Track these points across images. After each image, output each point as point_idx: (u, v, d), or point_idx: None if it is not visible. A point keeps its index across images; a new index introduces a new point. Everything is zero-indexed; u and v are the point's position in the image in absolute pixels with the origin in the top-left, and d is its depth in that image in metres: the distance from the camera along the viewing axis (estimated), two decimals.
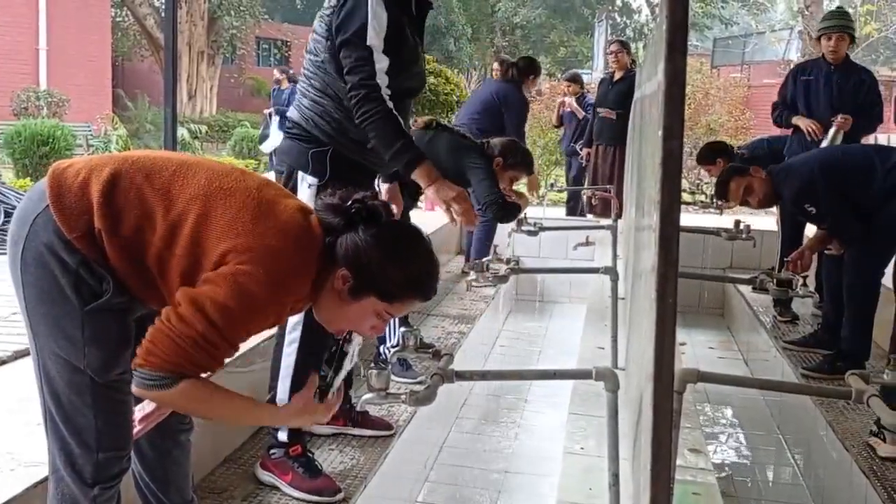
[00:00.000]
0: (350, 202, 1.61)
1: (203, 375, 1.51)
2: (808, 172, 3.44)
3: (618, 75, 6.92)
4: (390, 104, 2.30)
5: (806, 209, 3.43)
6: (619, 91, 6.74)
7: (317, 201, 1.67)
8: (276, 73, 12.60)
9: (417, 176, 2.38)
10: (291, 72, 12.71)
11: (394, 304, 1.64)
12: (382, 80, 2.29)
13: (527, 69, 5.93)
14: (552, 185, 7.27)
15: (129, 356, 1.54)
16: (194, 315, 1.45)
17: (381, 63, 2.29)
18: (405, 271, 1.61)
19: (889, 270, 3.61)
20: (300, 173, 2.40)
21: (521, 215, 4.43)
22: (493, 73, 6.63)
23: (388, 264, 1.59)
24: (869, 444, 2.86)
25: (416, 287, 1.65)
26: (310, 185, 2.38)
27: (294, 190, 2.38)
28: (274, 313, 1.57)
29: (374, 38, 2.28)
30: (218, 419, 1.61)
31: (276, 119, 11.61)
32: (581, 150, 7.22)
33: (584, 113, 7.42)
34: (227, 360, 1.55)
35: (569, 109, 7.52)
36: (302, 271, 1.56)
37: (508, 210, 3.71)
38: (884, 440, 2.80)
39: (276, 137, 11.80)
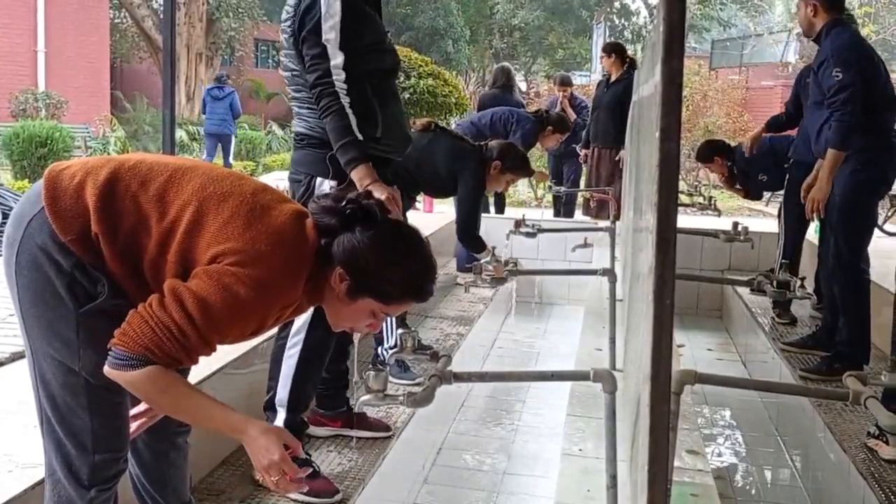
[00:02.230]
0: (344, 203, 1.60)
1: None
2: (859, 45, 3.60)
3: (614, 77, 6.92)
4: (346, 99, 2.34)
5: (834, 71, 3.49)
6: (615, 93, 6.73)
7: (311, 205, 1.66)
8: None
9: (355, 175, 2.38)
10: (224, 75, 12.98)
11: (390, 305, 1.64)
12: (339, 75, 2.33)
13: (556, 122, 5.96)
14: (550, 188, 7.24)
15: None
16: (174, 305, 1.45)
17: (336, 59, 2.32)
18: (402, 273, 1.61)
19: (891, 272, 3.60)
20: (318, 179, 2.43)
21: (513, 226, 4.67)
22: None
23: (386, 266, 1.58)
24: (868, 446, 2.85)
25: (413, 289, 1.64)
26: (331, 188, 2.39)
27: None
28: (257, 318, 1.55)
29: (329, 31, 2.31)
30: (177, 413, 1.57)
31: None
32: (580, 150, 7.22)
33: (573, 114, 7.41)
34: (202, 358, 1.53)
35: (566, 100, 7.50)
36: (291, 278, 1.55)
37: (476, 243, 3.97)
38: (886, 443, 2.77)
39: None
